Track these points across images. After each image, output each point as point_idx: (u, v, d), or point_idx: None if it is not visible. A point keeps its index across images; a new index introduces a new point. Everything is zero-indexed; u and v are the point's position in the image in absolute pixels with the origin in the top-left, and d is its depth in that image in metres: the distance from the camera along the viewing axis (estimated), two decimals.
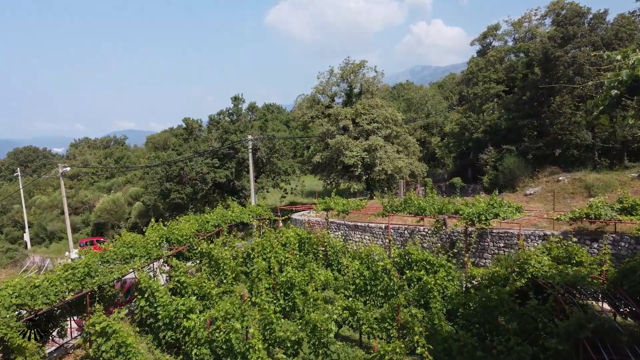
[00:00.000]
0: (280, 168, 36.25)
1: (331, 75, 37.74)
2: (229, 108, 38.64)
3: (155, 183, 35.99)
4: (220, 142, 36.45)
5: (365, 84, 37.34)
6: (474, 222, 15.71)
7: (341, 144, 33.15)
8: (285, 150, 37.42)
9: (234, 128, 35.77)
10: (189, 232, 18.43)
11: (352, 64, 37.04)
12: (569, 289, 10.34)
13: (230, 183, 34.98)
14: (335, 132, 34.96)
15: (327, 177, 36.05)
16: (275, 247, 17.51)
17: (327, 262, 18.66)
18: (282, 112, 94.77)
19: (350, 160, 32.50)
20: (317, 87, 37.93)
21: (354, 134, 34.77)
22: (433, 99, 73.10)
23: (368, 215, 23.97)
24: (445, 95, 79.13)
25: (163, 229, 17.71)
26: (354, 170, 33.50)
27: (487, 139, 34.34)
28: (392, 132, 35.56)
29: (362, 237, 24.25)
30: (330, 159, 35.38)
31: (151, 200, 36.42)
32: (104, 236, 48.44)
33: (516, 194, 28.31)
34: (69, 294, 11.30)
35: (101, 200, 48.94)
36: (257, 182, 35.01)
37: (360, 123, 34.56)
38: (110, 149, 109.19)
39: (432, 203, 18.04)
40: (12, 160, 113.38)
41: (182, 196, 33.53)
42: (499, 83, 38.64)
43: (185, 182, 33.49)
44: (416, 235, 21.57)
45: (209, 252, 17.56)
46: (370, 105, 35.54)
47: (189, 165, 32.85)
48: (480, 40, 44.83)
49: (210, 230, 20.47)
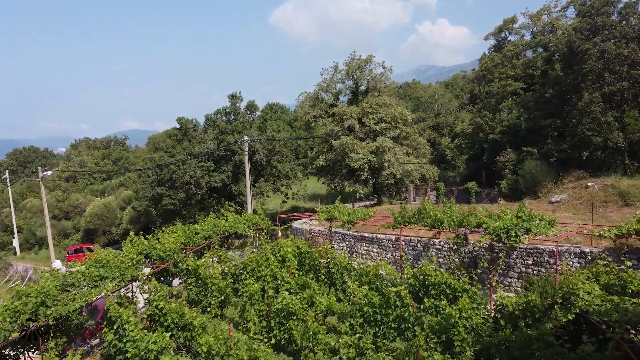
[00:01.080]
0: (281, 171, 34.47)
1: (335, 72, 35.96)
2: (226, 107, 36.90)
3: (147, 187, 34.31)
4: (216, 143, 34.72)
5: (372, 80, 35.53)
6: (500, 238, 13.83)
7: (346, 145, 31.35)
8: (286, 152, 35.62)
9: (230, 128, 34.02)
10: (173, 247, 16.68)
11: (358, 59, 35.24)
12: (632, 331, 8.43)
13: (226, 188, 33.22)
14: (340, 132, 33.16)
15: (332, 182, 34.24)
16: (271, 264, 15.71)
17: (331, 280, 16.88)
18: (286, 112, 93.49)
19: (356, 163, 30.68)
20: (321, 84, 36.15)
21: (360, 135, 32.95)
22: (443, 98, 71.25)
23: (377, 227, 22.13)
24: (455, 94, 77.23)
25: (144, 243, 15.94)
26: (360, 174, 31.68)
27: (505, 141, 32.42)
28: (402, 132, 33.72)
29: (370, 250, 22.41)
30: (335, 161, 33.57)
31: (142, 206, 34.73)
32: (95, 243, 46.84)
33: (539, 201, 26.38)
34: (16, 331, 9.54)
35: (92, 205, 47.35)
36: (256, 187, 33.28)
37: (367, 123, 32.75)
38: (108, 150, 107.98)
39: (450, 214, 16.16)
40: (11, 160, 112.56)
41: (175, 202, 31.80)
42: (516, 80, 36.71)
43: (177, 187, 31.77)
44: (431, 248, 19.71)
45: (196, 269, 15.84)
46: (378, 103, 33.72)
47: (181, 168, 31.14)
48: (496, 34, 42.89)
49: (199, 243, 18.71)
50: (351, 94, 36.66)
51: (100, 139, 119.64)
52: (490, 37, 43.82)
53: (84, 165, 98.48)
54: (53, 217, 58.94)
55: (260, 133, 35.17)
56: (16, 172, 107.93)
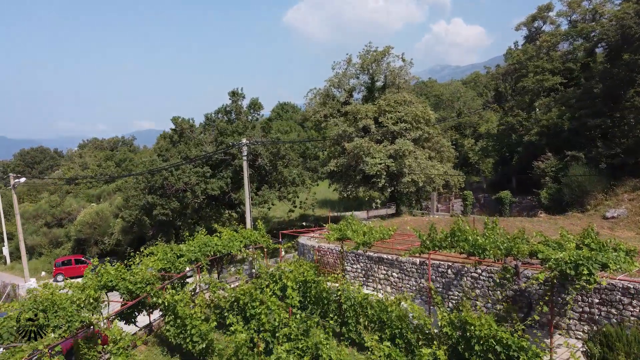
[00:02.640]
0: (287, 178, 31.72)
1: (349, 65, 33.15)
2: (226, 105, 34.33)
3: (138, 195, 31.85)
4: (215, 145, 32.15)
5: (390, 75, 32.63)
6: (566, 275, 10.84)
7: (361, 148, 28.50)
8: (292, 156, 32.86)
9: (231, 129, 31.40)
10: (148, 276, 14.02)
11: (374, 51, 32.38)
12: None
13: (225, 196, 30.60)
14: (354, 134, 30.32)
15: (344, 189, 31.39)
16: (267, 300, 12.94)
17: (342, 318, 14.07)
18: (297, 111, 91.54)
19: (372, 169, 27.82)
20: (332, 79, 33.38)
21: (377, 137, 30.08)
22: (465, 96, 67.98)
23: (396, 244, 19.22)
24: (478, 92, 73.80)
25: (109, 272, 13.29)
26: (377, 181, 28.80)
27: (544, 143, 29.24)
28: (423, 134, 30.75)
29: (389, 274, 19.48)
30: (348, 166, 30.74)
31: (132, 216, 32.26)
32: (86, 254, 44.63)
33: (589, 215, 23.22)
34: None
35: (83, 212, 45.16)
36: (259, 195, 30.58)
37: (385, 123, 29.87)
38: (111, 151, 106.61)
39: (493, 239, 13.19)
40: (18, 161, 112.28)
41: (167, 212, 29.25)
42: (554, 74, 33.48)
43: (170, 195, 29.22)
44: (465, 277, 16.71)
45: (174, 306, 13.14)
46: (397, 101, 30.82)
47: (174, 174, 28.58)
48: (528, 23, 39.70)
49: (182, 269, 15.99)
50: (366, 91, 33.78)
51: (107, 139, 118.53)
52: (522, 27, 40.66)
53: (86, 167, 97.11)
54: (45, 224, 57.06)
55: (264, 134, 32.53)
56: (23, 173, 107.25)
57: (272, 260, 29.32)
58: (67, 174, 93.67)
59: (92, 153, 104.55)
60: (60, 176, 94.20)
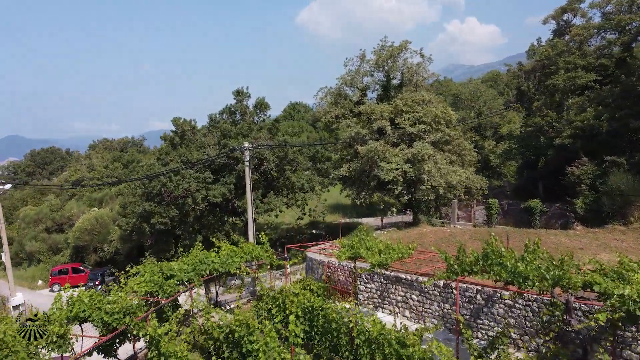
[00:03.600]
0: (295, 183, 29.96)
1: (362, 62, 31.29)
2: (230, 105, 32.70)
3: (136, 201, 30.39)
4: (218, 148, 30.54)
5: (407, 72, 30.70)
6: (635, 316, 8.88)
7: (375, 152, 26.65)
8: (301, 160, 31.09)
9: (235, 131, 29.76)
10: (130, 304, 12.37)
11: (390, 46, 30.48)
12: None
13: (228, 203, 28.94)
14: (368, 136, 28.47)
15: (357, 196, 29.54)
16: (267, 334, 11.22)
17: (354, 355, 12.23)
18: (309, 111, 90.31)
19: (387, 175, 25.94)
20: (344, 77, 31.55)
21: (393, 139, 28.20)
22: (485, 95, 65.72)
23: (416, 262, 17.35)
24: (499, 90, 71.50)
25: (83, 302, 11.65)
26: (393, 187, 26.90)
27: (578, 147, 27.08)
28: (444, 136, 28.79)
29: (408, 297, 17.58)
30: (361, 171, 28.89)
31: (129, 224, 30.79)
32: (85, 262, 43.40)
33: (633, 228, 21.08)
34: None
35: (81, 218, 43.92)
36: (264, 203, 28.87)
37: (402, 124, 27.98)
38: (118, 152, 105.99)
39: (536, 266, 11.25)
40: (28, 162, 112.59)
41: (166, 220, 27.68)
42: (587, 70, 31.25)
43: (169, 203, 27.66)
44: (498, 304, 14.75)
45: (157, 340, 11.44)
46: (415, 100, 28.91)
47: (173, 180, 27.01)
48: (557, 16, 37.42)
49: (172, 292, 14.30)
50: (381, 89, 31.88)
51: (117, 139, 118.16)
52: (550, 21, 38.40)
53: (92, 169, 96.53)
54: (46, 229, 56.10)
55: (270, 137, 30.82)
56: (34, 174, 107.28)
57: (279, 272, 27.58)
58: (73, 175, 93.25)
59: (100, 154, 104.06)
60: (67, 178, 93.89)
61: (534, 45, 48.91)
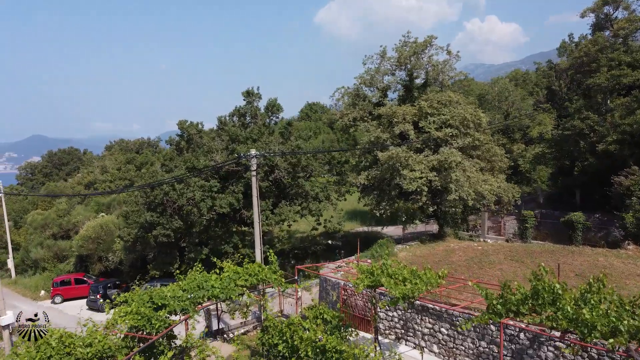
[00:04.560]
0: (309, 192, 28.09)
1: (383, 60, 29.28)
2: (240, 107, 31.04)
3: (138, 210, 28.92)
4: (226, 154, 28.90)
5: (433, 70, 28.60)
6: None
7: (397, 159, 24.62)
8: (315, 167, 29.21)
9: (244, 135, 28.05)
10: (107, 345, 10.67)
11: (413, 42, 28.42)
12: None
13: (236, 213, 27.21)
14: (389, 141, 26.46)
15: (377, 206, 27.55)
16: None
17: None
18: (326, 112, 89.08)
19: (410, 185, 23.90)
20: (363, 76, 29.58)
21: (417, 145, 26.15)
22: (513, 95, 63.05)
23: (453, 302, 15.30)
24: (528, 90, 68.75)
25: (49, 345, 9.96)
26: (417, 198, 24.83)
27: (627, 154, 24.62)
28: (473, 141, 26.63)
29: (436, 329, 15.52)
30: (381, 180, 26.90)
31: (131, 235, 29.31)
32: (89, 271, 42.21)
33: None
34: None
35: (85, 226, 42.70)
36: (275, 214, 27.07)
37: (426, 128, 25.92)
38: (137, 154, 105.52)
39: (601, 311, 9.14)
40: (45, 162, 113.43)
41: (168, 232, 26.09)
42: (634, 68, 28.72)
43: (171, 213, 26.06)
44: (544, 345, 12.63)
45: None
46: (441, 101, 26.82)
47: (177, 189, 25.41)
48: (597, 9, 34.81)
49: (161, 327, 12.52)
50: (403, 89, 29.81)
51: (133, 140, 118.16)
52: (589, 14, 35.78)
53: (105, 171, 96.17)
54: (52, 235, 55.25)
55: (282, 141, 29.03)
56: (50, 175, 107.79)
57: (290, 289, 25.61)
58: (86, 178, 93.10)
59: (114, 156, 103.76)
60: (80, 180, 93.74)
61: (565, 42, 46.50)
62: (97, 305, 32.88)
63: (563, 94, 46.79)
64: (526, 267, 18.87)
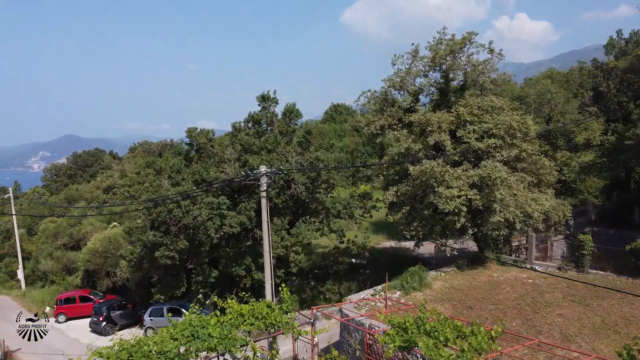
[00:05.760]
0: (331, 210, 25.51)
1: (415, 60, 26.52)
2: (254, 113, 28.74)
3: (143, 226, 26.89)
4: (239, 165, 26.62)
5: (472, 71, 25.68)
6: None
7: (431, 174, 21.82)
8: (337, 181, 26.63)
9: (258, 145, 25.70)
10: None
11: (450, 39, 25.57)
12: None
13: (248, 233, 24.83)
14: (422, 152, 23.69)
15: (407, 227, 24.79)
16: None
17: None
18: (352, 114, 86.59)
19: (447, 204, 21.06)
20: (392, 79, 26.86)
21: (454, 157, 23.29)
22: (556, 97, 59.10)
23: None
24: (572, 92, 64.57)
25: None
26: (454, 219, 21.95)
27: None
28: (520, 152, 23.64)
29: None
30: (412, 196, 24.12)
31: (134, 254, 27.31)
32: (97, 287, 40.60)
33: None
34: None
35: (93, 238, 41.14)
36: (291, 234, 24.59)
37: (465, 138, 23.07)
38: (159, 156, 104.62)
39: None
40: (70, 164, 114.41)
41: (172, 254, 23.90)
42: None
43: (176, 232, 23.87)
44: None
45: None
46: (482, 107, 23.92)
47: (182, 206, 23.21)
48: None
49: None
50: (438, 94, 26.96)
51: (156, 142, 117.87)
52: None
53: (124, 175, 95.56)
54: (63, 246, 54.17)
55: (301, 151, 26.58)
56: (75, 177, 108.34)
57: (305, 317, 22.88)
58: (105, 182, 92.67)
59: (134, 159, 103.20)
60: (99, 184, 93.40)
61: (613, 39, 43.26)
62: (100, 328, 31.09)
63: (612, 96, 43.64)
64: (593, 312, 15.86)
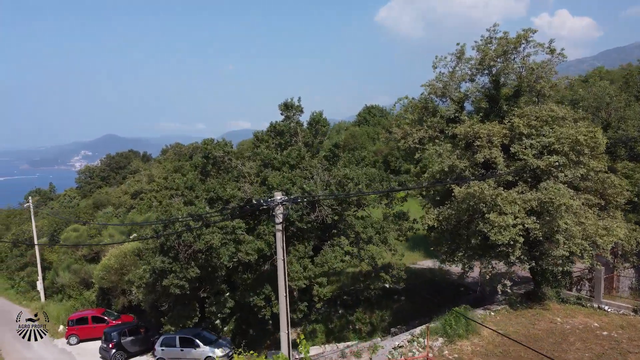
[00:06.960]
0: (362, 235, 22.76)
1: (460, 61, 23.49)
2: (276, 122, 26.31)
3: (153, 249, 24.89)
4: (259, 182, 24.23)
5: (528, 75, 22.38)
6: None
7: (481, 198, 18.81)
8: (369, 201, 23.86)
9: (279, 159, 23.25)
10: None
11: (502, 38, 22.43)
12: None
13: (267, 261, 22.37)
14: (468, 171, 20.67)
15: (450, 256, 21.82)
16: None
17: None
18: (386, 116, 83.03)
19: (501, 236, 18.01)
20: (433, 84, 23.88)
21: (508, 177, 20.18)
22: (616, 101, 54.47)
23: None
24: (635, 95, 59.64)
25: None
26: (508, 251, 18.85)
27: None
28: (588, 172, 20.34)
29: None
30: (457, 222, 21.10)
31: (143, 279, 25.33)
32: (112, 306, 39.03)
33: None
34: None
35: (108, 254, 39.62)
36: (315, 264, 21.97)
37: (521, 154, 19.94)
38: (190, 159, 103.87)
39: None
40: (103, 166, 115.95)
41: (182, 283, 21.70)
42: None
43: (187, 259, 21.66)
44: None
45: None
46: (541, 117, 20.71)
47: (194, 230, 20.98)
48: None
49: None
50: (488, 100, 23.69)
51: (187, 145, 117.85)
52: None
53: (152, 180, 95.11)
54: (83, 257, 53.21)
55: (328, 166, 23.98)
56: (108, 179, 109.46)
57: None
58: (132, 187, 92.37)
59: (163, 162, 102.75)
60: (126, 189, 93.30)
61: None
62: (109, 356, 29.28)
63: None
64: None
